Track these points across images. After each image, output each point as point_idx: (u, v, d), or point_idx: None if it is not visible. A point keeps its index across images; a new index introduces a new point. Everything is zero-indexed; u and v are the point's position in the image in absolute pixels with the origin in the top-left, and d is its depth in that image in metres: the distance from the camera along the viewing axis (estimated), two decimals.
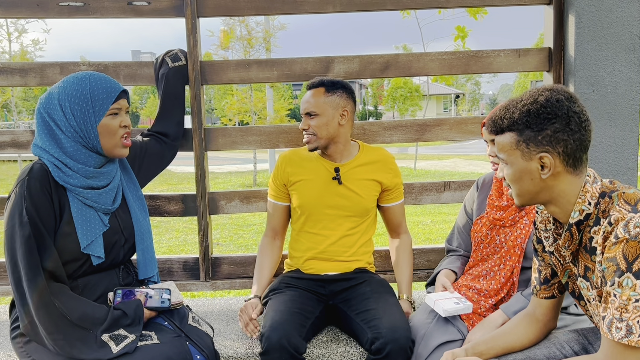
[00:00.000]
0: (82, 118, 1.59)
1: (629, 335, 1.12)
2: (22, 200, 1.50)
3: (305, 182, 2.08)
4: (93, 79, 1.62)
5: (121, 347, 1.49)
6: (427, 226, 6.66)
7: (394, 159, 2.16)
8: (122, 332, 1.53)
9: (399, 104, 25.02)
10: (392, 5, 2.29)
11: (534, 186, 1.26)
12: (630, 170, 2.21)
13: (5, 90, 10.59)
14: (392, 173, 2.12)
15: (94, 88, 1.61)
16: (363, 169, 2.08)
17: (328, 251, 2.06)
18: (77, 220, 1.58)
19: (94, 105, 1.60)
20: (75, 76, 1.63)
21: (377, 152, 2.15)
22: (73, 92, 1.60)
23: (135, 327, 1.55)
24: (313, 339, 2.02)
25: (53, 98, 1.61)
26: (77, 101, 1.59)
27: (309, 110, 2.02)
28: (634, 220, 1.14)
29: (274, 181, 2.16)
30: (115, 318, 1.54)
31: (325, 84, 2.04)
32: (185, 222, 7.11)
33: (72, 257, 1.58)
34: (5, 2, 2.24)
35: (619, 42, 2.16)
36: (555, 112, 1.20)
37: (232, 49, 11.02)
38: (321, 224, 2.07)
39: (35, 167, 1.56)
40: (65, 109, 1.59)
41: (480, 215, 1.91)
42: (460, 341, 1.68)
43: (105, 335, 1.51)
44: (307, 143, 2.04)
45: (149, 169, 2.00)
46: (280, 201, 2.16)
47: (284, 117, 12.50)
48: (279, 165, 2.15)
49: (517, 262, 1.77)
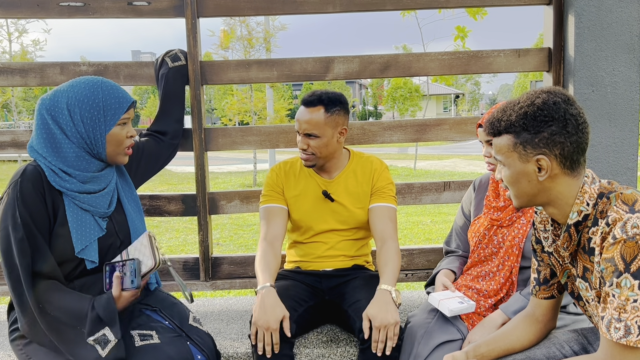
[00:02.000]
0: (91, 125, 1.58)
1: (628, 335, 1.12)
2: (15, 203, 1.49)
3: (299, 197, 2.06)
4: (105, 87, 1.61)
5: (107, 350, 1.48)
6: (426, 226, 6.66)
7: (384, 166, 2.11)
8: (107, 332, 1.50)
9: (399, 104, 25.00)
10: (392, 5, 2.29)
11: (531, 188, 1.26)
12: (630, 170, 2.21)
13: (5, 90, 10.59)
14: (377, 176, 2.06)
15: (107, 97, 1.59)
16: (352, 182, 2.06)
17: (326, 255, 2.07)
18: (72, 224, 1.57)
19: (106, 114, 1.59)
20: (87, 81, 1.61)
21: (366, 160, 2.10)
22: (85, 98, 1.57)
23: (114, 327, 1.50)
24: (313, 339, 2.02)
25: (60, 101, 1.57)
26: (89, 108, 1.57)
27: (309, 132, 1.94)
28: (632, 221, 1.14)
29: (269, 187, 2.09)
30: (93, 320, 1.51)
31: (324, 102, 1.94)
32: (185, 222, 7.11)
33: (65, 259, 1.57)
34: (6, 2, 2.25)
35: (618, 42, 2.16)
36: (552, 114, 1.20)
37: (232, 49, 11.03)
38: (317, 236, 2.07)
39: (29, 169, 1.54)
40: (75, 114, 1.56)
41: (477, 216, 1.91)
42: (460, 341, 1.69)
43: (89, 339, 1.49)
44: (306, 161, 2.00)
45: (146, 169, 2.00)
46: (279, 203, 2.05)
47: (284, 117, 12.50)
48: (275, 175, 2.10)
49: (515, 262, 1.77)
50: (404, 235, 6.06)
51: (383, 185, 2.06)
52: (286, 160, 2.17)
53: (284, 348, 1.73)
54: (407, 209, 7.67)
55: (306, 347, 1.97)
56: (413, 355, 1.69)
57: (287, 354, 1.75)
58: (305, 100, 1.97)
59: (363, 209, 2.06)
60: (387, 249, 1.92)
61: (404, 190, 2.40)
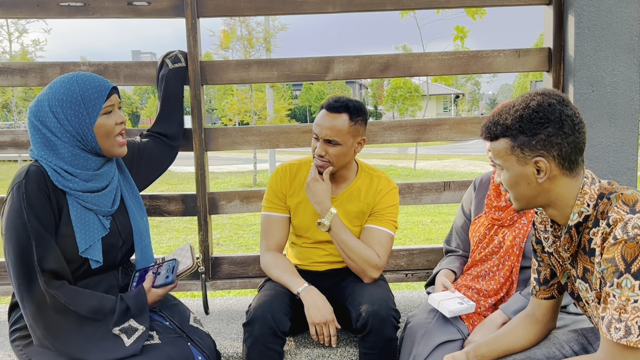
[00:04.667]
0: (76, 122, 1.56)
1: (628, 335, 1.13)
2: (21, 204, 1.48)
3: (300, 205, 2.02)
4: (80, 79, 1.58)
5: (133, 339, 1.52)
6: (426, 226, 6.66)
7: (390, 187, 2.02)
8: (133, 323, 1.55)
9: (399, 104, 25.02)
10: (392, 6, 2.29)
11: (531, 190, 1.26)
12: (630, 170, 2.21)
13: (5, 90, 10.58)
14: (380, 200, 1.99)
15: (83, 89, 1.57)
16: (354, 200, 2.00)
17: (324, 260, 2.07)
18: (76, 224, 1.57)
19: (87, 107, 1.57)
20: (62, 80, 1.60)
21: (374, 179, 2.03)
22: (62, 96, 1.56)
23: (142, 317, 1.57)
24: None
25: (43, 105, 1.57)
26: (69, 105, 1.55)
27: (331, 139, 1.86)
28: (632, 222, 1.14)
29: (272, 193, 2.04)
30: (123, 310, 1.56)
31: (350, 109, 1.87)
32: (185, 222, 7.11)
33: (69, 259, 1.57)
34: (6, 2, 2.25)
35: (618, 42, 2.16)
36: (548, 116, 1.21)
37: (232, 49, 11.04)
38: (316, 244, 2.06)
39: (32, 170, 1.54)
40: (58, 114, 1.55)
41: (478, 215, 1.91)
42: (461, 341, 1.69)
43: (116, 328, 1.53)
44: (320, 167, 1.91)
45: (148, 170, 1.98)
46: (281, 212, 2.03)
47: (284, 117, 12.50)
48: (279, 179, 2.05)
49: (516, 262, 1.77)
50: (404, 235, 6.07)
51: (383, 207, 1.98)
52: (293, 161, 2.09)
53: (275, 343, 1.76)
54: (407, 209, 7.68)
55: (306, 347, 1.97)
56: (413, 355, 1.69)
57: (278, 350, 1.78)
58: (330, 105, 1.89)
59: (360, 228, 2.02)
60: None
61: (404, 190, 2.40)
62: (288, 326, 1.79)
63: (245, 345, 1.76)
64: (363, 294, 1.84)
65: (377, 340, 1.74)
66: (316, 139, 1.91)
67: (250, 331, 1.75)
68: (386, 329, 1.74)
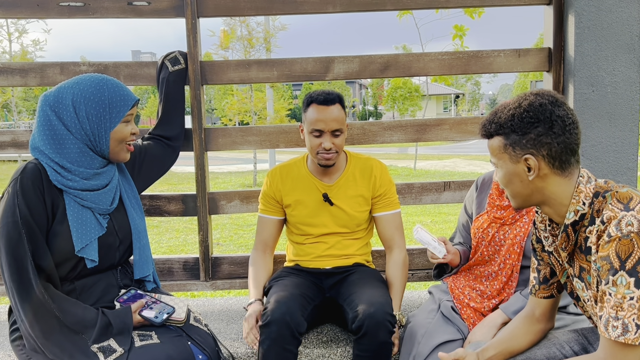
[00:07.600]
0: (97, 122, 1.59)
1: (626, 333, 1.13)
2: (14, 199, 1.50)
3: (299, 202, 2.07)
4: (111, 84, 1.62)
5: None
6: (427, 226, 6.66)
7: (383, 168, 2.12)
8: (112, 343, 1.51)
9: (399, 104, 25.00)
10: (392, 5, 2.29)
11: (524, 188, 1.29)
12: (630, 170, 2.21)
13: (5, 90, 10.60)
14: (379, 182, 2.08)
15: (112, 94, 1.61)
16: (351, 185, 2.07)
17: (326, 254, 2.08)
18: (72, 223, 1.57)
19: (111, 111, 1.61)
20: (92, 79, 1.62)
21: (365, 164, 2.11)
22: (90, 95, 1.59)
23: (124, 338, 1.52)
24: (313, 339, 2.02)
25: (65, 97, 1.58)
26: (94, 105, 1.58)
27: (339, 128, 1.96)
28: (626, 219, 1.15)
29: (264, 197, 2.14)
30: (103, 326, 1.52)
31: (340, 99, 1.99)
32: (185, 222, 7.11)
33: (65, 258, 1.56)
34: (6, 2, 2.25)
35: (618, 42, 2.16)
36: (538, 116, 1.24)
37: (232, 49, 11.02)
38: (318, 238, 2.08)
39: (29, 167, 1.55)
40: (80, 111, 1.58)
41: (480, 214, 1.91)
42: (461, 340, 1.69)
43: (94, 346, 1.49)
44: (328, 160, 1.98)
45: (148, 171, 1.99)
46: (272, 215, 2.13)
47: (284, 117, 12.50)
48: (270, 182, 2.12)
49: (516, 261, 1.77)
50: (404, 235, 6.06)
51: (385, 190, 2.08)
52: (283, 163, 2.16)
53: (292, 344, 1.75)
54: (407, 209, 7.67)
55: (306, 347, 1.97)
56: (413, 355, 1.69)
57: (293, 351, 1.77)
58: (326, 99, 1.96)
59: (363, 212, 2.07)
60: (394, 262, 2.06)
61: (404, 190, 2.40)
62: (305, 327, 1.79)
63: (262, 347, 1.74)
64: (361, 297, 1.84)
65: (371, 343, 1.74)
66: (318, 136, 1.95)
67: (267, 333, 1.74)
68: (381, 333, 1.74)
